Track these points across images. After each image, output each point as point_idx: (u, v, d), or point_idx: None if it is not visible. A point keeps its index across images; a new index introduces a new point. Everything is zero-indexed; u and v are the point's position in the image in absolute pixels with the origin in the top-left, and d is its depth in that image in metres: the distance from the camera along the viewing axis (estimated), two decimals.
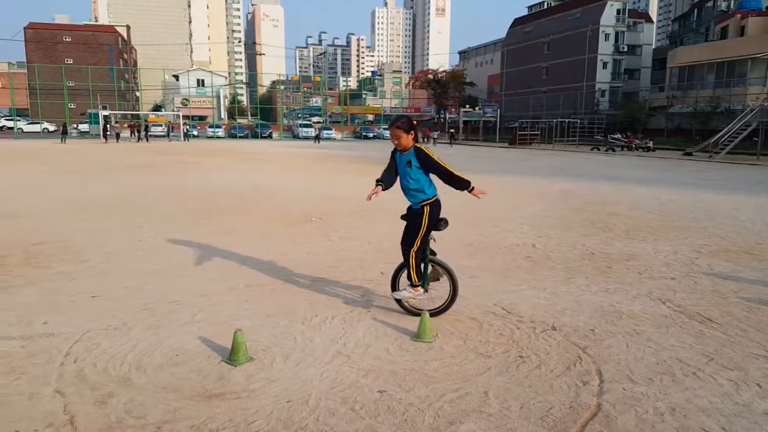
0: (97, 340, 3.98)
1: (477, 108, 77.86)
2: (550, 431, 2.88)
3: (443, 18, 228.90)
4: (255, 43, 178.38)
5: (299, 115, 77.65)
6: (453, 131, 53.70)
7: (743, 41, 46.53)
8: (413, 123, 4.37)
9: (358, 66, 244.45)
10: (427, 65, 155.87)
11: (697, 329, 4.41)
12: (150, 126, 49.57)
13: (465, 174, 4.36)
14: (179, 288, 5.27)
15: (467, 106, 77.73)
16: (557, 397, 3.24)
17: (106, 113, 50.92)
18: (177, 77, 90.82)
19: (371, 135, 61.22)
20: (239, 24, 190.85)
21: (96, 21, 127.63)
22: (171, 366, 3.59)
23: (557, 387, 3.37)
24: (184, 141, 46.71)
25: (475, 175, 18.09)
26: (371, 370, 3.58)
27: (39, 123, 57.62)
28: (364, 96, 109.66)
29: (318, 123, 66.05)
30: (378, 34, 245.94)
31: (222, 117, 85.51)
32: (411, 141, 4.33)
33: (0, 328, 4.19)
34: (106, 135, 41.57)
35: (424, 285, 4.53)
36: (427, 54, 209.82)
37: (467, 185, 4.32)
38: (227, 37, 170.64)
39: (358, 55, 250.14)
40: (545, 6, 78.90)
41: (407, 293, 4.51)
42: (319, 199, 11.65)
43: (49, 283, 5.37)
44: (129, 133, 44.44)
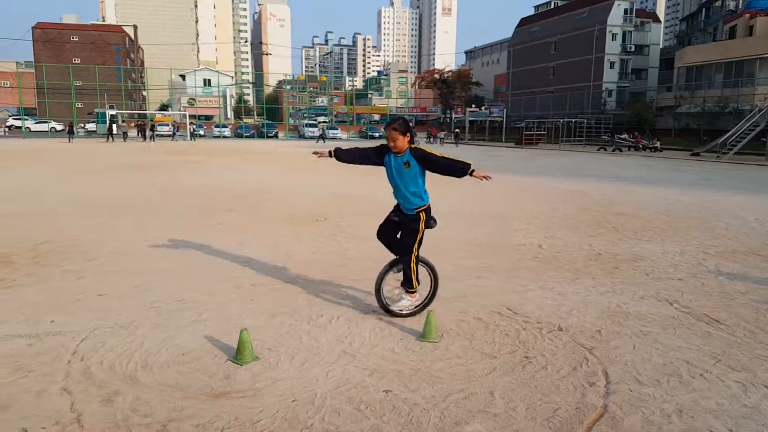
0: (104, 338, 4.00)
1: (483, 108, 77.72)
2: None
3: (449, 17, 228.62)
4: (261, 43, 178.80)
5: (305, 115, 77.75)
6: (458, 131, 53.61)
7: (752, 41, 46.22)
8: (409, 125, 4.31)
9: (364, 66, 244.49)
10: (433, 65, 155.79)
11: (705, 330, 4.38)
12: (156, 126, 49.74)
13: (455, 158, 4.25)
14: (185, 287, 5.28)
15: (473, 105, 77.60)
16: (563, 398, 3.23)
17: (113, 112, 51.21)
18: (184, 77, 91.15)
19: (377, 135, 61.20)
20: (246, 24, 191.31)
21: (103, 21, 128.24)
22: (177, 365, 3.60)
23: (563, 388, 3.36)
24: (190, 140, 46.87)
25: None
26: (377, 369, 3.58)
27: (47, 122, 57.99)
28: (369, 96, 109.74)
29: (324, 123, 66.08)
30: (384, 33, 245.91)
31: (228, 117, 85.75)
32: (407, 143, 4.25)
33: (8, 326, 4.21)
34: (111, 135, 41.61)
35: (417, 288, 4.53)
36: (433, 54, 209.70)
37: (467, 168, 4.17)
38: (234, 37, 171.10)
39: (364, 55, 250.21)
40: (552, 6, 78.62)
41: (406, 302, 4.50)
42: (325, 199, 11.66)
43: (56, 282, 5.40)
44: (137, 133, 44.61)
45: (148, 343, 3.92)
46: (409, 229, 4.38)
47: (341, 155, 4.55)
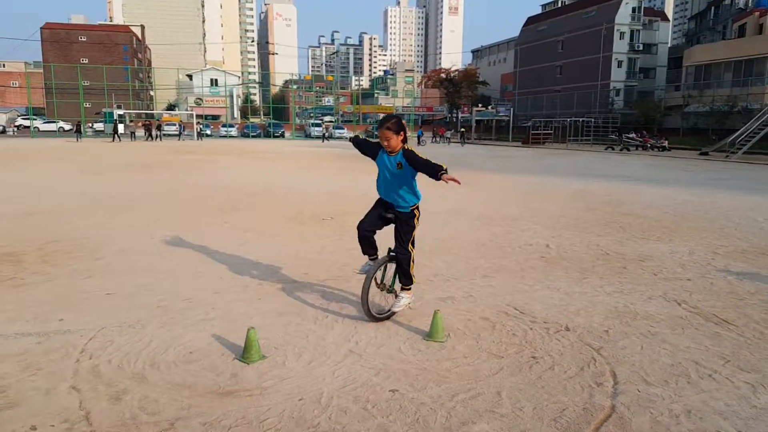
0: (112, 337, 4.02)
1: (490, 107, 77.57)
2: None
3: (456, 16, 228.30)
4: (268, 43, 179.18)
5: (311, 115, 77.86)
6: (464, 130, 53.57)
7: (761, 39, 45.89)
8: (402, 124, 4.26)
9: (370, 65, 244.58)
10: (440, 64, 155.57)
11: (713, 331, 4.35)
12: (163, 125, 49.96)
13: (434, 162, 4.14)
14: (193, 286, 5.30)
15: (480, 105, 77.44)
16: (571, 398, 3.21)
17: (120, 112, 51.46)
18: (191, 77, 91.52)
19: None
20: (252, 23, 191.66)
21: (111, 21, 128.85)
22: (184, 363, 3.61)
23: (571, 388, 3.35)
24: (197, 140, 47.05)
25: (488, 174, 18.08)
26: (383, 369, 3.58)
27: (55, 122, 58.38)
28: (376, 95, 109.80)
29: (330, 122, 66.09)
30: (390, 33, 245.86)
31: (235, 116, 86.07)
32: (400, 142, 4.22)
33: (17, 324, 4.24)
34: (116, 135, 41.79)
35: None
36: (440, 53, 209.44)
37: (440, 169, 4.03)
38: (240, 37, 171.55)
39: (370, 55, 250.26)
40: (559, 4, 78.41)
41: (406, 300, 4.46)
42: (331, 198, 11.67)
43: (65, 281, 5.43)
44: (144, 132, 44.82)
45: (155, 342, 3.94)
46: (406, 226, 4.36)
47: (354, 140, 4.71)
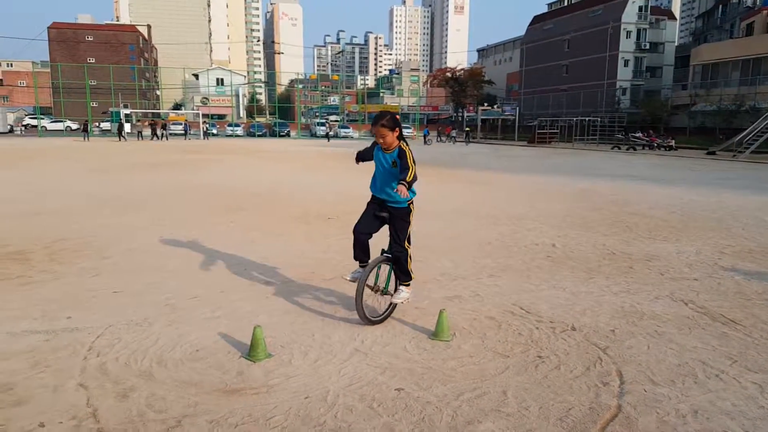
0: (119, 334, 4.04)
1: (496, 106, 77.42)
2: None
3: (462, 15, 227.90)
4: (273, 42, 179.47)
5: (317, 114, 77.94)
6: (468, 129, 53.50)
7: None
8: (397, 120, 4.22)
9: (375, 64, 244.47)
10: (446, 63, 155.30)
11: (721, 331, 4.33)
12: (169, 125, 50.11)
13: (411, 176, 4.02)
14: (199, 284, 5.32)
15: (486, 104, 77.32)
16: (577, 398, 3.21)
17: (127, 111, 51.68)
18: (197, 76, 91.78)
19: None
20: (258, 23, 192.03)
21: (118, 20, 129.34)
22: (191, 361, 3.63)
23: (577, 387, 3.34)
24: (203, 139, 47.18)
25: (494, 173, 18.05)
26: (389, 367, 3.59)
27: (62, 121, 58.65)
28: (381, 94, 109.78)
29: (335, 122, 66.13)
30: (396, 32, 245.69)
31: (241, 116, 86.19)
32: (396, 139, 4.19)
33: (25, 322, 4.27)
34: (121, 134, 42.06)
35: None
36: (446, 52, 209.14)
37: (403, 178, 3.97)
38: (246, 36, 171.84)
39: (375, 54, 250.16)
40: (565, 3, 78.09)
41: (405, 294, 4.41)
42: (336, 198, 11.68)
43: (72, 279, 5.47)
44: (150, 132, 45.02)
45: (162, 340, 3.96)
46: (402, 223, 4.32)
47: (363, 155, 4.57)
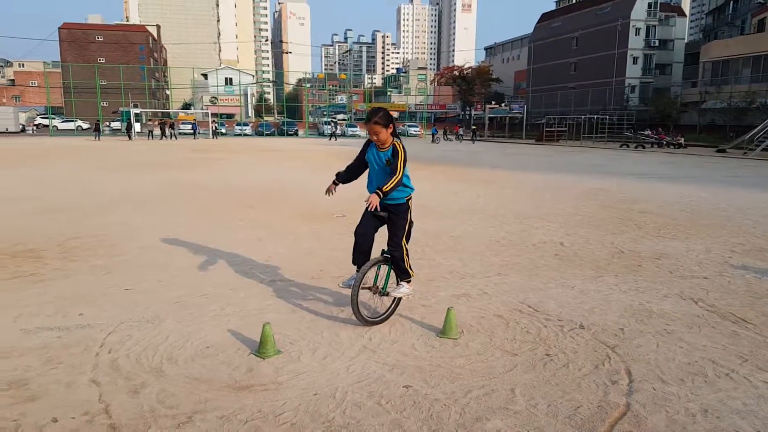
0: (131, 331, 4.08)
1: (503, 104, 77.23)
2: (578, 430, 2.86)
3: (469, 14, 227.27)
4: (282, 42, 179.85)
5: (324, 113, 78.05)
6: (475, 128, 53.43)
7: None
8: (391, 116, 4.10)
9: (383, 63, 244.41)
10: (453, 61, 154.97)
11: (731, 330, 4.31)
12: (178, 124, 50.35)
13: (391, 185, 3.98)
14: (209, 282, 5.36)
15: (493, 102, 77.14)
16: (585, 396, 3.21)
17: (137, 111, 52.00)
18: (206, 76, 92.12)
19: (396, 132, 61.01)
20: (266, 22, 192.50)
21: (127, 21, 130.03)
22: (201, 358, 3.66)
23: (585, 386, 3.34)
24: (212, 138, 47.39)
25: (501, 172, 18.00)
26: (397, 365, 3.60)
27: (73, 121, 59.11)
28: (389, 93, 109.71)
29: (343, 121, 66.14)
30: (403, 30, 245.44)
31: (249, 115, 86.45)
32: (390, 136, 4.08)
33: (38, 319, 4.33)
34: (130, 134, 42.55)
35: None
36: (453, 50, 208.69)
37: (384, 185, 3.98)
38: (254, 36, 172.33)
39: (383, 52, 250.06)
40: (573, 0, 77.70)
41: (406, 289, 4.32)
42: (343, 196, 11.66)
43: (84, 276, 5.52)
44: (159, 131, 45.31)
45: (173, 337, 3.99)
46: (401, 220, 4.22)
47: (344, 178, 4.41)
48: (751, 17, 53.33)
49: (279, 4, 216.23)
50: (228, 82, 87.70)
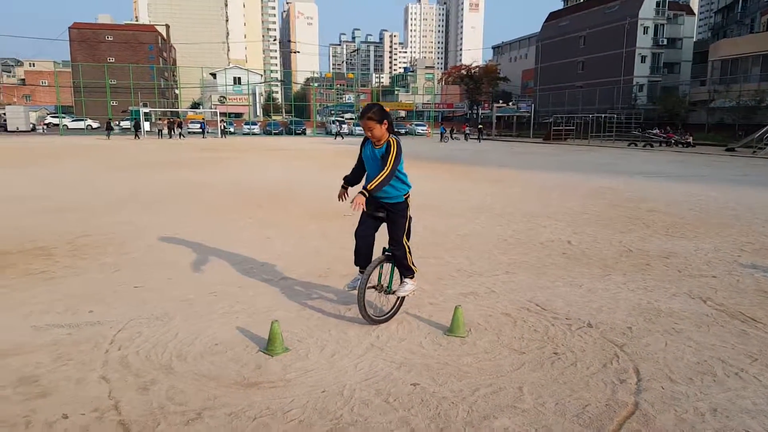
0: (140, 328, 4.11)
1: (511, 103, 77.01)
2: (586, 428, 2.86)
3: (477, 13, 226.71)
4: (290, 41, 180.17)
5: (332, 112, 78.16)
6: (481, 126, 53.29)
7: None
8: (386, 111, 4.02)
9: (390, 62, 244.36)
10: (461, 61, 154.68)
11: (740, 329, 4.29)
12: (186, 124, 50.57)
13: (378, 182, 3.91)
14: (217, 280, 5.39)
15: (501, 101, 76.92)
16: (593, 395, 3.20)
17: (146, 110, 52.30)
18: (214, 75, 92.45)
19: (403, 131, 61.18)
20: (274, 22, 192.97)
21: (137, 20, 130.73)
22: (210, 355, 3.68)
23: (593, 384, 3.33)
24: (221, 138, 47.56)
25: (509, 171, 17.96)
26: (404, 363, 3.61)
27: (83, 120, 59.49)
28: (396, 92, 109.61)
29: (351, 119, 66.18)
30: (411, 30, 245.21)
31: (257, 114, 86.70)
32: (385, 131, 3.99)
33: (48, 316, 4.37)
34: (138, 133, 42.91)
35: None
36: (461, 49, 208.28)
37: (369, 183, 3.93)
38: (263, 36, 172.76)
39: (390, 52, 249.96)
40: None
41: (411, 286, 4.31)
42: (351, 194, 11.69)
43: (94, 274, 5.56)
44: (167, 130, 45.55)
45: (182, 334, 4.02)
46: (400, 219, 4.17)
47: (351, 180, 4.41)
48: (761, 15, 52.87)
49: (287, 3, 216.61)
50: (236, 81, 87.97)
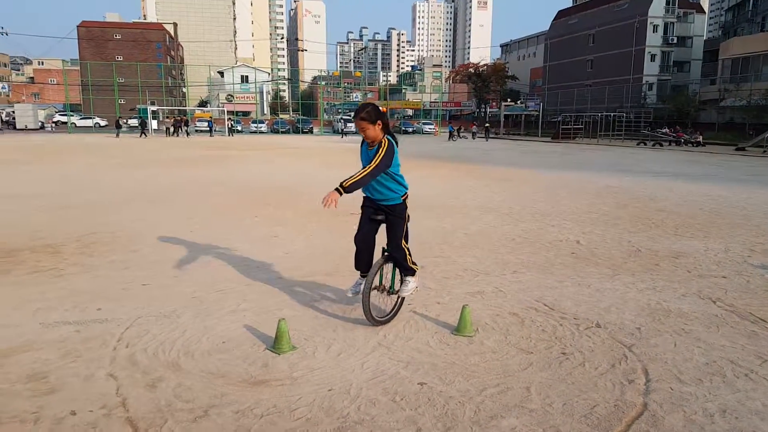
0: (148, 326, 4.13)
1: (519, 102, 76.74)
2: (594, 429, 2.84)
3: (485, 11, 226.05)
4: (297, 40, 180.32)
5: (339, 110, 78.19)
6: (488, 125, 53.14)
7: None
8: (380, 111, 3.92)
9: (398, 61, 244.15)
10: (468, 59, 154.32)
11: (750, 329, 4.25)
12: (193, 123, 50.77)
13: (355, 178, 3.91)
14: (225, 277, 5.40)
15: (509, 99, 76.68)
16: (601, 395, 3.18)
17: (154, 109, 52.57)
18: (222, 74, 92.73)
19: (410, 130, 61.13)
20: (282, 20, 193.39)
21: (144, 19, 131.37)
22: (218, 352, 3.69)
23: (601, 385, 3.31)
24: (228, 136, 47.70)
25: (517, 170, 17.90)
26: (411, 362, 3.60)
27: (91, 118, 59.82)
28: (403, 91, 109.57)
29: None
30: (419, 28, 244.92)
31: (265, 112, 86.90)
32: (379, 132, 3.90)
33: (57, 313, 4.39)
34: (144, 131, 43.22)
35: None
36: (469, 47, 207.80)
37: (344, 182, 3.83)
38: (270, 34, 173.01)
39: (398, 50, 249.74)
40: None
41: (413, 284, 4.28)
42: (358, 193, 11.69)
43: (103, 271, 5.59)
44: (173, 128, 45.75)
45: (189, 332, 4.03)
46: (399, 221, 4.09)
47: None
48: None
49: (295, 2, 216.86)
50: (244, 79, 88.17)
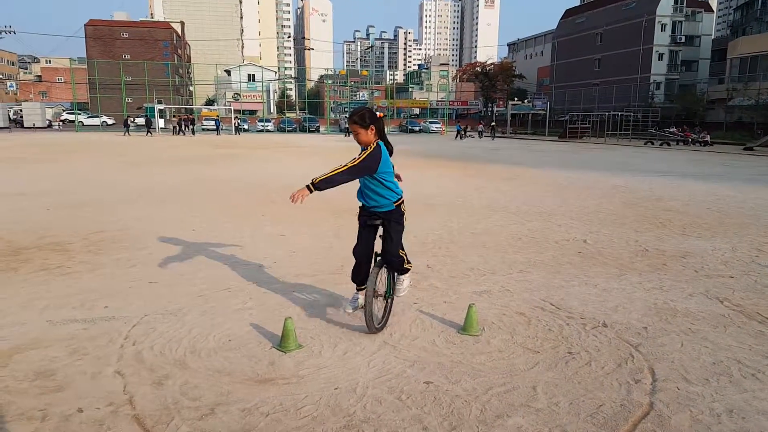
0: (154, 324, 4.15)
1: (526, 101, 76.54)
2: (600, 428, 2.83)
3: (492, 9, 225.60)
4: (304, 38, 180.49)
5: (346, 109, 78.28)
6: (494, 124, 53.05)
7: None
8: (375, 115, 3.79)
9: (405, 59, 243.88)
10: (475, 58, 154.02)
11: (757, 329, 4.22)
12: (201, 120, 50.93)
13: (327, 176, 3.90)
14: (231, 276, 5.42)
15: (516, 98, 76.47)
16: (608, 395, 3.18)
17: (161, 107, 52.83)
18: (228, 72, 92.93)
19: (417, 129, 61.08)
20: (289, 19, 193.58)
21: (152, 17, 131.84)
22: (224, 350, 3.70)
23: (608, 384, 3.30)
24: (235, 135, 47.83)
25: (524, 169, 17.86)
26: (417, 361, 3.60)
27: (98, 116, 60.15)
28: (410, 89, 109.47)
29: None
30: (426, 27, 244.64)
31: (271, 111, 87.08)
32: (372, 137, 3.78)
33: (64, 311, 4.42)
34: (149, 129, 43.57)
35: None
36: (476, 46, 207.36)
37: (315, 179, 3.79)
38: (277, 33, 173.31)
39: (405, 49, 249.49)
40: None
41: (407, 282, 4.23)
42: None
43: (109, 269, 5.62)
44: (177, 126, 45.96)
45: (196, 330, 4.05)
46: (397, 226, 3.98)
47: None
48: None
49: (302, 1, 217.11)
50: (251, 78, 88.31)
